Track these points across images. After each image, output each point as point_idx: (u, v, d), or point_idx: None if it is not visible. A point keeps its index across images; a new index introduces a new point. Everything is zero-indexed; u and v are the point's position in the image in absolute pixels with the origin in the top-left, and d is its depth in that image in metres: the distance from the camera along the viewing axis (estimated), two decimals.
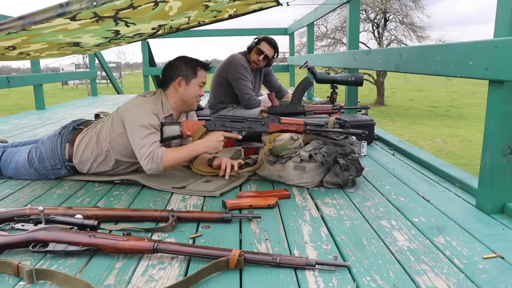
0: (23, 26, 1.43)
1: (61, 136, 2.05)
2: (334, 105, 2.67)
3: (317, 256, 1.24)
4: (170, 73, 2.03)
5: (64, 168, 2.04)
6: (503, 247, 1.27)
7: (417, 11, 17.94)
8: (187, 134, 2.00)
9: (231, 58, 3.07)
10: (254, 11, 3.15)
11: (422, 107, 16.21)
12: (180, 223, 1.49)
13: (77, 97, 16.12)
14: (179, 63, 2.04)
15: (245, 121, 2.00)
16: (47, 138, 2.10)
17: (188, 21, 3.22)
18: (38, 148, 2.05)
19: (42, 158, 2.03)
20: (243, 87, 2.99)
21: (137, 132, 1.87)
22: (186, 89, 2.02)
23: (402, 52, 2.12)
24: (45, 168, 2.03)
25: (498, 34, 1.48)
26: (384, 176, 2.06)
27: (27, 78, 4.87)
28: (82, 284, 1.06)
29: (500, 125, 1.46)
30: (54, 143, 2.04)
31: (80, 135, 2.04)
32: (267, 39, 3.07)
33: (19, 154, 2.09)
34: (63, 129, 2.10)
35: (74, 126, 2.11)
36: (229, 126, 1.99)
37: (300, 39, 16.72)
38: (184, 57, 2.09)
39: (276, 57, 3.17)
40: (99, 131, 2.01)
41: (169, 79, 2.03)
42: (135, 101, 1.97)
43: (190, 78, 2.02)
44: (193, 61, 2.06)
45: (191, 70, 2.03)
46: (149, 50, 7.05)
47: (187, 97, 2.04)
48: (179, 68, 2.02)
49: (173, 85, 2.02)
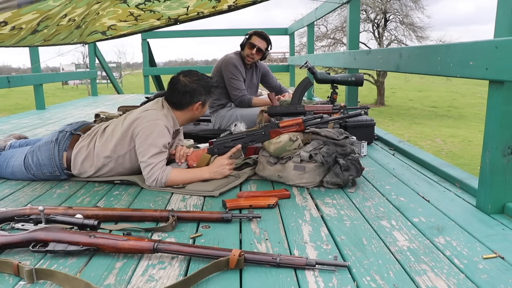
0: (19, 6, 1.41)
1: (58, 143, 1.99)
2: (334, 105, 2.67)
3: (317, 256, 1.24)
4: (189, 99, 1.99)
5: (63, 175, 2.01)
6: (503, 247, 1.27)
7: (417, 11, 17.96)
8: (194, 166, 2.02)
9: (223, 58, 3.11)
10: (254, 3, 3.14)
11: (422, 107, 16.21)
12: (180, 223, 1.49)
13: (77, 97, 16.13)
14: (199, 89, 1.99)
15: (245, 136, 2.02)
16: (44, 143, 2.03)
17: (187, 11, 3.21)
18: (35, 154, 2.00)
19: (39, 164, 1.99)
20: (232, 86, 3.03)
21: (147, 149, 1.87)
22: (201, 111, 2.05)
23: (402, 52, 2.12)
24: (43, 174, 2.01)
25: (498, 34, 1.48)
26: (384, 176, 2.06)
27: (27, 78, 4.87)
28: (82, 284, 1.06)
29: (500, 125, 1.46)
30: (52, 150, 1.98)
31: (78, 145, 1.98)
32: (258, 32, 3.09)
33: (14, 159, 2.05)
34: (60, 133, 2.04)
35: (71, 131, 2.04)
36: (231, 146, 2.00)
37: (300, 39, 16.72)
38: (201, 79, 2.02)
39: (270, 49, 3.17)
40: (100, 145, 1.94)
41: (186, 104, 2.00)
42: (147, 117, 1.90)
43: (206, 101, 2.04)
44: (209, 83, 2.03)
45: (209, 94, 2.03)
46: (149, 50, 7.05)
47: (198, 116, 2.07)
48: (199, 95, 1.99)
49: (189, 108, 2.01)
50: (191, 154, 2.05)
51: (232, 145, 2.01)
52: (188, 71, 2.05)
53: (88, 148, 1.97)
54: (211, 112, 3.18)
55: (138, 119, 1.91)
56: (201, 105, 2.02)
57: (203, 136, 2.85)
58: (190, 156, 2.03)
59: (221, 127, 3.09)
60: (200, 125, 3.26)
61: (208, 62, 52.36)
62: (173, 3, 3.03)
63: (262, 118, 2.66)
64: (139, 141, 1.88)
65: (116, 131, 1.95)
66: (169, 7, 3.14)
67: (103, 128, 2.03)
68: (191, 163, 2.01)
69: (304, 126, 1.94)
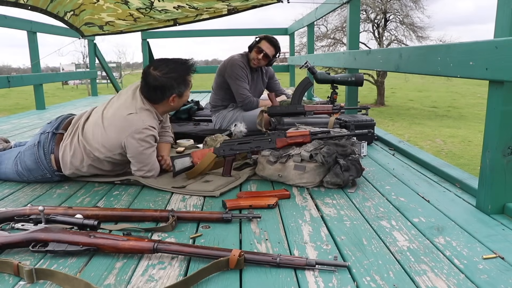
0: None
1: (43, 146, 1.93)
2: (334, 105, 2.67)
3: (317, 256, 1.24)
4: (161, 95, 1.93)
5: (55, 177, 1.97)
6: (503, 247, 1.27)
7: (417, 11, 17.95)
8: (197, 163, 2.02)
9: (229, 59, 3.09)
10: (254, 7, 3.16)
11: (422, 107, 16.21)
12: (180, 223, 1.49)
13: (77, 97, 16.13)
14: (171, 83, 1.91)
15: (252, 141, 2.03)
16: (28, 148, 1.97)
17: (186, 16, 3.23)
18: (21, 160, 1.95)
19: (28, 170, 1.95)
20: (238, 87, 3.00)
21: (139, 156, 1.90)
22: (179, 101, 2.00)
23: (402, 52, 2.12)
24: (35, 178, 1.97)
25: (498, 34, 1.48)
26: (384, 176, 2.06)
27: (27, 78, 4.87)
28: (82, 283, 1.06)
29: (500, 125, 1.46)
30: (36, 154, 1.93)
31: (62, 144, 1.93)
32: (268, 37, 3.07)
33: (4, 166, 2.01)
34: (42, 135, 1.97)
35: (52, 131, 1.97)
36: (237, 149, 2.02)
37: (300, 39, 16.73)
38: (172, 71, 1.92)
39: (278, 56, 3.17)
40: (85, 142, 1.89)
41: (160, 99, 1.94)
42: (131, 124, 1.84)
43: (182, 91, 1.97)
44: (181, 72, 1.94)
45: (183, 84, 1.96)
46: (149, 50, 7.05)
47: (177, 106, 2.03)
48: (171, 88, 1.92)
49: (165, 102, 1.96)
50: (197, 151, 2.07)
51: (238, 148, 2.02)
52: (158, 62, 1.96)
53: (73, 145, 1.91)
54: (213, 112, 3.18)
55: (125, 129, 1.85)
56: (177, 97, 1.97)
57: (203, 136, 2.85)
58: (196, 154, 2.03)
59: (222, 127, 3.09)
60: (200, 125, 3.26)
61: (208, 62, 52.20)
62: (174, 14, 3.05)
63: (262, 119, 2.67)
64: (130, 149, 1.87)
65: (98, 130, 1.89)
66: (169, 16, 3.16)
67: (82, 123, 1.97)
68: (195, 161, 2.01)
69: (310, 139, 1.96)
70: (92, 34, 3.90)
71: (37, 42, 5.16)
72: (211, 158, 1.99)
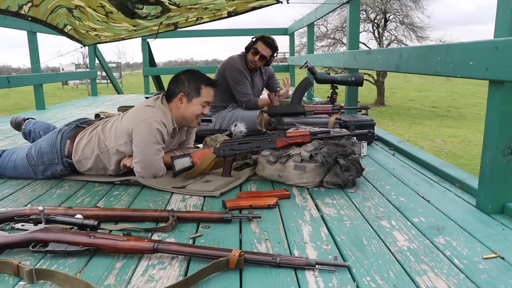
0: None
1: (62, 133, 2.05)
2: (334, 105, 2.67)
3: (317, 256, 1.24)
4: (174, 88, 2.01)
5: (61, 164, 2.02)
6: (503, 247, 1.27)
7: (417, 11, 17.95)
8: (197, 163, 2.02)
9: (228, 61, 3.10)
10: (254, 9, 3.15)
11: (422, 107, 16.21)
12: (180, 223, 1.49)
13: (77, 97, 16.12)
14: (183, 79, 1.99)
15: (252, 141, 2.03)
16: (48, 134, 2.12)
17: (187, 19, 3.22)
18: (38, 143, 2.07)
19: (40, 153, 2.03)
20: (238, 92, 3.04)
21: (143, 147, 1.91)
22: (187, 106, 2.00)
23: (402, 52, 2.12)
24: (43, 163, 2.02)
25: (498, 34, 1.48)
26: (384, 176, 2.06)
27: (27, 78, 4.87)
28: (82, 284, 1.06)
29: (500, 125, 1.46)
30: (54, 139, 2.04)
31: (82, 133, 2.04)
32: (264, 38, 3.06)
33: (17, 153, 2.10)
34: (65, 126, 2.11)
35: (77, 124, 2.12)
36: (237, 149, 2.02)
37: (300, 39, 16.72)
38: (191, 72, 2.04)
39: (275, 56, 3.16)
40: (101, 133, 2.00)
41: (172, 94, 2.01)
42: (144, 113, 1.93)
43: (192, 97, 1.99)
44: (198, 79, 2.01)
45: (194, 88, 1.99)
46: (149, 50, 7.05)
47: (187, 114, 2.02)
48: (182, 84, 1.99)
49: (175, 100, 2.00)
50: (197, 151, 2.07)
51: (238, 148, 2.02)
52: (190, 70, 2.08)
53: (90, 135, 2.01)
54: (213, 112, 3.19)
55: (133, 114, 1.97)
56: (184, 97, 1.99)
57: (203, 136, 2.85)
58: (196, 154, 2.03)
59: (222, 127, 3.09)
60: (200, 125, 3.26)
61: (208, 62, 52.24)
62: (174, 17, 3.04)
63: (262, 118, 2.67)
64: (137, 138, 1.92)
65: (115, 127, 1.99)
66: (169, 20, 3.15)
67: (106, 119, 2.10)
68: (195, 161, 2.01)
69: (310, 139, 1.96)
70: (92, 43, 3.89)
71: (37, 42, 5.16)
72: (211, 158, 1.99)
